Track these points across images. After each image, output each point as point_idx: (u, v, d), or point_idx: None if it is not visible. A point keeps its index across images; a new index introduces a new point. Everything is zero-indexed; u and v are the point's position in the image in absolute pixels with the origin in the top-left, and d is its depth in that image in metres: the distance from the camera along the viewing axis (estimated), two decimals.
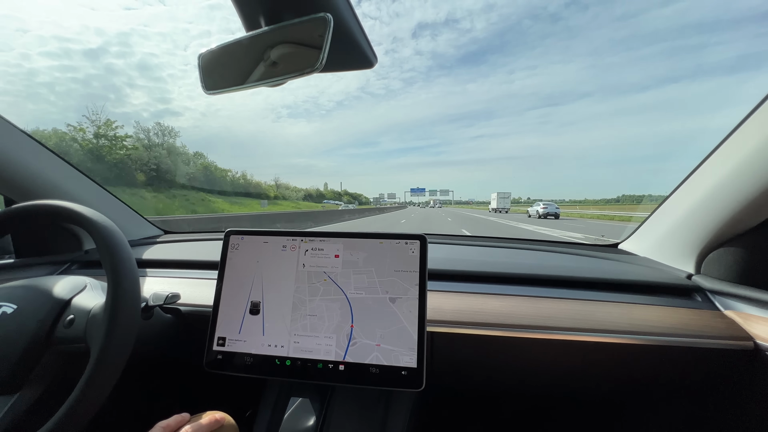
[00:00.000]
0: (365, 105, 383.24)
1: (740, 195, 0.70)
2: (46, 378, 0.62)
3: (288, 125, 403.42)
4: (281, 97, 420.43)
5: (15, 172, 0.98)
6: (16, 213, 0.65)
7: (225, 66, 0.60)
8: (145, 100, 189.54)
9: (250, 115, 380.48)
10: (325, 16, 0.47)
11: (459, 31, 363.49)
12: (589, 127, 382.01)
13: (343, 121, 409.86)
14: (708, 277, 0.82)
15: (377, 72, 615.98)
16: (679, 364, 0.73)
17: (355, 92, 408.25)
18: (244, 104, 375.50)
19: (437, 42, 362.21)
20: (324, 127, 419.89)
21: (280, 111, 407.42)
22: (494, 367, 0.82)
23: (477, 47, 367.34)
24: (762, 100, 0.65)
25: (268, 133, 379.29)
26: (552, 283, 0.88)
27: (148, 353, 0.76)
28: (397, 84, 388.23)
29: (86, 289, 0.70)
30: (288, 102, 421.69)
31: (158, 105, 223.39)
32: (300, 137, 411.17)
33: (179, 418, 0.58)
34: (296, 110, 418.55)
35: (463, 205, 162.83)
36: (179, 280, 0.97)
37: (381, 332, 0.68)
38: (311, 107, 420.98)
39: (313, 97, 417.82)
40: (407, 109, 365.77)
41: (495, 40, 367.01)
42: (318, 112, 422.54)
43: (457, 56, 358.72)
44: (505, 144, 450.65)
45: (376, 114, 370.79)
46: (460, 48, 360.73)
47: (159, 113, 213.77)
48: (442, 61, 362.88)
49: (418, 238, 0.71)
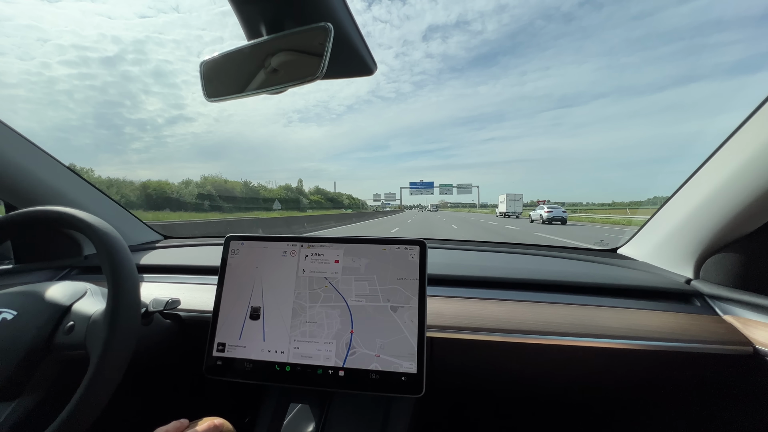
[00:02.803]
0: (375, 109, 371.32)
1: (738, 200, 0.70)
2: (45, 384, 0.61)
3: (299, 129, 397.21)
4: (292, 102, 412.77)
5: (15, 177, 0.99)
6: (16, 219, 0.65)
7: (226, 73, 0.61)
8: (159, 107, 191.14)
9: (261, 120, 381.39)
10: (326, 25, 0.47)
11: (470, 33, 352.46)
12: (604, 128, 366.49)
13: (354, 125, 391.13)
14: (707, 282, 0.82)
15: (387, 75, 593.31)
16: (678, 369, 0.73)
17: (366, 96, 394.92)
18: (255, 109, 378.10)
19: (448, 44, 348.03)
20: (334, 131, 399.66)
21: (291, 115, 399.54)
22: (494, 372, 0.82)
23: (488, 49, 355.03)
24: (758, 105, 0.66)
25: (279, 137, 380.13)
26: (551, 288, 0.88)
27: (148, 359, 0.76)
28: (407, 87, 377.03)
29: (86, 295, 0.71)
30: (299, 107, 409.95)
31: (172, 111, 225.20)
32: (310, 141, 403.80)
33: (178, 424, 0.58)
34: (307, 114, 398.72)
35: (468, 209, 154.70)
36: (179, 285, 0.97)
37: (381, 342, 0.67)
38: (322, 111, 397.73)
39: (324, 101, 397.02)
40: (417, 113, 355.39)
41: (507, 41, 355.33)
42: (328, 116, 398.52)
43: (468, 58, 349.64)
44: (517, 147, 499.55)
45: (386, 117, 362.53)
46: (471, 50, 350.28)
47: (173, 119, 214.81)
48: (452, 64, 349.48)
49: (418, 244, 0.72)
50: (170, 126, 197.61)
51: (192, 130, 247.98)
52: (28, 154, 1.01)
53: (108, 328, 0.54)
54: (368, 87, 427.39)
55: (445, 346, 0.77)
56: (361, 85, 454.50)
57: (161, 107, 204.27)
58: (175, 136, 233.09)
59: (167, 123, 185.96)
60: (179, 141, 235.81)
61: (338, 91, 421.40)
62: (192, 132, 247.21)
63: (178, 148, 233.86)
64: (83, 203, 1.14)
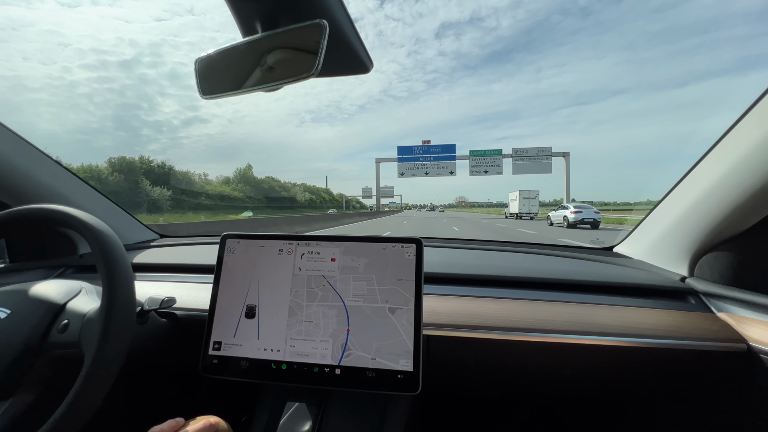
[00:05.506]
0: (387, 108, 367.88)
1: (732, 198, 0.71)
2: (39, 383, 0.61)
3: (311, 130, 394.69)
4: (304, 102, 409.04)
5: (9, 175, 0.98)
6: (10, 217, 0.64)
7: (222, 71, 0.61)
8: (175, 108, 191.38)
9: (274, 121, 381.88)
10: (321, 22, 0.47)
11: (484, 29, 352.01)
12: (624, 125, 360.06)
13: (366, 125, 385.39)
14: (701, 279, 0.83)
15: (399, 74, 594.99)
16: (673, 366, 0.74)
17: (378, 95, 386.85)
18: (268, 110, 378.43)
19: (461, 42, 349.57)
20: (346, 131, 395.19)
21: (303, 116, 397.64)
22: (490, 369, 0.82)
23: (502, 46, 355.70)
24: (752, 104, 0.66)
25: (292, 137, 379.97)
26: (547, 286, 0.88)
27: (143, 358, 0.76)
28: (420, 86, 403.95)
29: (81, 294, 0.70)
30: (311, 107, 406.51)
31: (188, 113, 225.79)
32: (323, 141, 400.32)
33: (174, 423, 0.58)
34: (319, 115, 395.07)
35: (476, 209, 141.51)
36: (175, 284, 0.96)
37: (378, 345, 0.67)
38: (334, 111, 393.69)
39: (336, 101, 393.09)
40: (430, 111, 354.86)
41: (522, 37, 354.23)
42: (340, 116, 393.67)
43: (482, 56, 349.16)
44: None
45: (398, 117, 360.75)
46: (485, 47, 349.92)
47: (188, 120, 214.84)
48: (466, 62, 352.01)
49: (414, 242, 0.72)
50: (185, 128, 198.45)
51: (207, 131, 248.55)
52: (22, 151, 1.00)
53: (102, 326, 0.54)
54: (380, 86, 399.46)
55: (442, 344, 0.77)
56: (373, 84, 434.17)
57: (177, 109, 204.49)
58: (191, 137, 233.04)
59: (183, 125, 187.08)
60: (194, 142, 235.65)
61: (350, 91, 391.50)
62: (207, 133, 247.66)
63: (193, 150, 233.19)
64: (78, 201, 1.14)
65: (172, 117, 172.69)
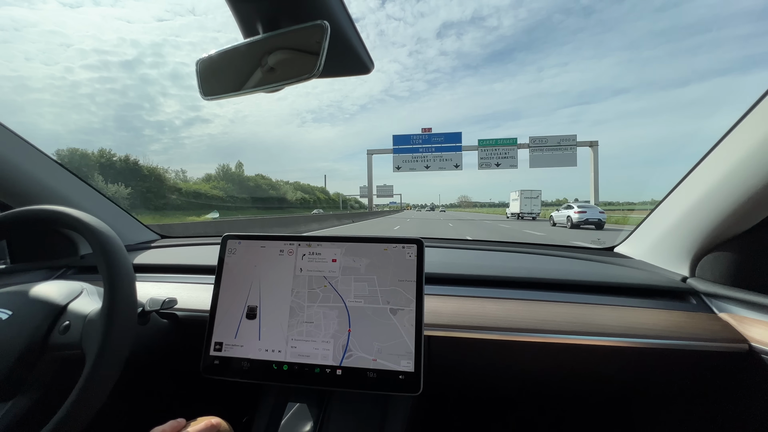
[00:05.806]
0: (388, 108, 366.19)
1: (733, 198, 0.71)
2: (41, 384, 0.61)
3: (313, 129, 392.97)
4: (306, 102, 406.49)
5: (9, 176, 0.98)
6: (12, 218, 0.65)
7: (223, 72, 0.61)
8: (177, 108, 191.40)
9: (276, 121, 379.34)
10: (322, 23, 0.47)
11: (485, 29, 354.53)
12: (626, 125, 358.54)
13: (367, 125, 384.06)
14: (702, 280, 0.83)
15: (401, 74, 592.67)
16: (674, 367, 0.74)
17: (379, 95, 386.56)
18: (270, 110, 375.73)
19: (462, 41, 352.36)
20: (348, 131, 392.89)
21: (304, 116, 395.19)
22: (491, 370, 0.82)
23: (504, 45, 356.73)
24: (753, 104, 0.66)
25: (293, 137, 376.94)
26: (548, 287, 0.88)
27: (145, 359, 0.76)
28: (421, 86, 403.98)
29: (82, 295, 0.70)
30: (312, 107, 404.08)
31: (189, 113, 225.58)
32: (324, 141, 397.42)
33: (175, 424, 0.58)
34: (320, 115, 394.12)
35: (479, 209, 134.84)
36: (176, 284, 0.97)
37: (379, 346, 0.67)
38: (335, 111, 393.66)
39: (337, 101, 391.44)
40: (431, 111, 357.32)
41: (523, 37, 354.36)
42: (342, 116, 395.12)
43: (483, 55, 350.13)
44: None
45: (400, 116, 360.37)
46: (487, 47, 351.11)
47: (190, 120, 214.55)
48: (467, 61, 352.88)
49: (415, 242, 0.72)
50: (187, 128, 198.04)
51: (208, 131, 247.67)
52: (22, 152, 1.01)
53: (104, 327, 0.54)
54: (382, 86, 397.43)
55: (443, 344, 0.77)
56: (375, 84, 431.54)
57: (178, 109, 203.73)
58: (192, 137, 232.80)
59: (184, 125, 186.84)
60: (196, 142, 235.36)
61: (351, 91, 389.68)
62: (208, 133, 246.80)
63: (195, 150, 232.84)
64: (79, 202, 1.14)
65: (173, 117, 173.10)
